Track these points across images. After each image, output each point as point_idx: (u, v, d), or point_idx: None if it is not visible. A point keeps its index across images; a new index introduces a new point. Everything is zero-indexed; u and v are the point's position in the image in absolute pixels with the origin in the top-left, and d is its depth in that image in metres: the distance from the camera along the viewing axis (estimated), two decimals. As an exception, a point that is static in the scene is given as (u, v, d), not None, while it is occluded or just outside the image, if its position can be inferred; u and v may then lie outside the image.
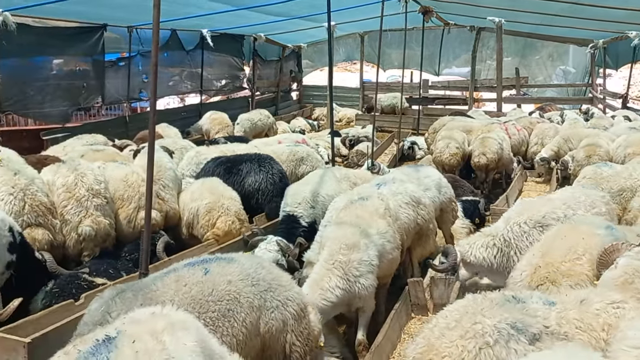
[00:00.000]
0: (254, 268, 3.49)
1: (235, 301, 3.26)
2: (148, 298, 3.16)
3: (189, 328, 2.48)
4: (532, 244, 5.05)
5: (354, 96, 20.60)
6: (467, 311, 3.03)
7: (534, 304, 3.06)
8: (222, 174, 7.32)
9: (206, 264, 3.39)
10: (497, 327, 2.86)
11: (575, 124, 11.50)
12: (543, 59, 19.42)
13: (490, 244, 5.30)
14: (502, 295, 3.18)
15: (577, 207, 5.34)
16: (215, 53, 15.30)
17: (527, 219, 5.28)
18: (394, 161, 11.94)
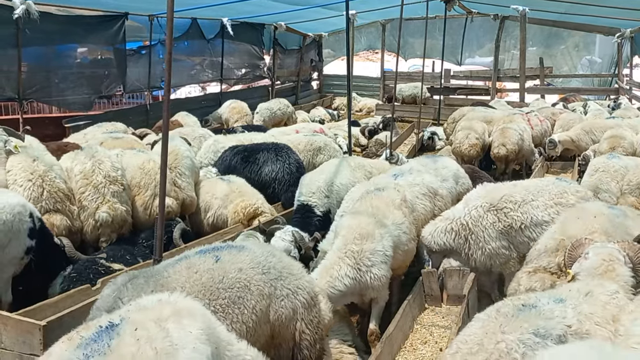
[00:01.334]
0: (265, 256, 3.50)
1: (245, 289, 3.29)
2: (159, 284, 3.19)
3: (195, 315, 2.49)
4: (486, 227, 5.23)
5: (375, 86, 20.46)
6: (486, 332, 2.94)
7: (546, 305, 3.04)
8: (239, 162, 7.38)
9: (217, 252, 3.42)
10: (521, 339, 2.81)
11: (599, 115, 11.23)
12: (568, 49, 19.02)
13: (449, 228, 5.42)
14: (512, 306, 3.11)
15: (540, 194, 5.35)
16: (235, 42, 15.32)
17: (483, 202, 5.36)
18: (413, 151, 11.83)
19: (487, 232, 5.32)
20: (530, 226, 5.24)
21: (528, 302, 3.10)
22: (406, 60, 21.56)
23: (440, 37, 14.96)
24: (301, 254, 5.65)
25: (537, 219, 5.23)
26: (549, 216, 5.22)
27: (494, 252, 5.31)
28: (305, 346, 3.52)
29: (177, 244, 5.65)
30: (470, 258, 5.45)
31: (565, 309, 3.00)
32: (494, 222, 5.31)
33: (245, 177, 7.25)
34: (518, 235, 5.27)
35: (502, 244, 5.31)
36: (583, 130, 10.11)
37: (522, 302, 3.12)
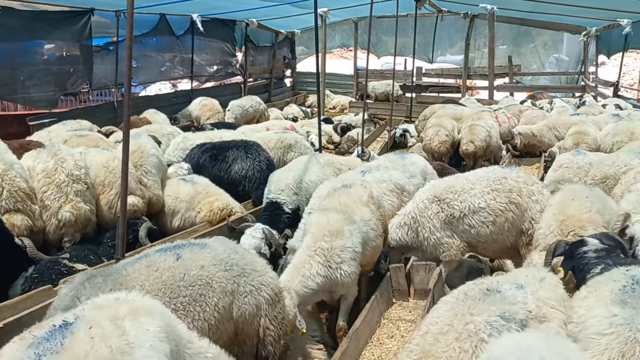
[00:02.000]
0: (228, 253, 3.48)
1: (207, 286, 3.26)
2: (118, 283, 3.14)
3: (153, 313, 2.47)
4: (431, 218, 5.36)
5: (348, 83, 20.54)
6: (456, 314, 3.07)
7: (509, 291, 3.18)
8: (207, 160, 7.31)
9: (179, 250, 3.38)
10: (488, 321, 2.95)
11: (563, 112, 11.48)
12: (537, 47, 19.37)
13: (402, 223, 5.53)
14: (478, 290, 3.25)
15: (478, 182, 5.49)
16: (206, 38, 15.20)
17: (429, 194, 5.49)
18: (385, 148, 11.90)
19: (432, 223, 5.42)
20: (469, 214, 5.35)
21: (492, 287, 3.24)
22: (379, 58, 21.68)
23: (412, 34, 15.04)
24: (272, 251, 5.65)
25: (474, 207, 5.34)
26: (485, 202, 5.33)
27: (438, 241, 5.41)
28: (270, 342, 3.52)
29: (143, 242, 5.57)
30: (421, 250, 5.55)
31: (526, 295, 3.16)
32: (438, 212, 5.42)
33: (214, 175, 7.19)
34: (459, 223, 5.39)
35: (446, 233, 5.43)
36: (546, 126, 10.36)
37: (487, 287, 3.26)
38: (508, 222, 5.31)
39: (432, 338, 3.01)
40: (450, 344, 2.92)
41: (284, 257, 5.62)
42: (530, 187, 5.53)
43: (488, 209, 5.39)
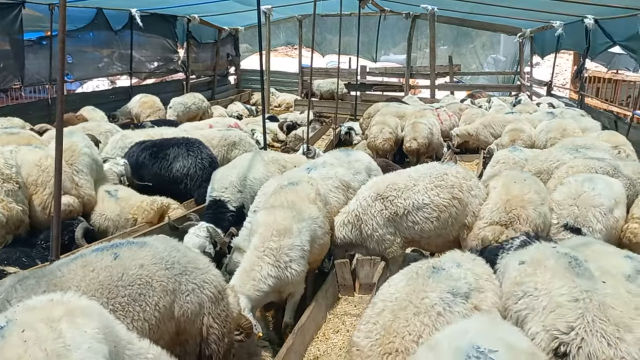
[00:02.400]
0: (168, 251, 3.39)
1: (147, 285, 3.17)
2: (52, 284, 3.01)
3: (90, 314, 2.39)
4: (374, 215, 5.44)
5: (293, 81, 20.51)
6: (413, 290, 3.28)
7: (452, 268, 3.50)
8: (147, 158, 7.11)
9: (116, 249, 3.27)
10: (441, 297, 3.22)
11: (500, 110, 11.91)
12: (476, 48, 20.01)
13: (345, 221, 5.57)
14: (426, 268, 3.50)
15: (421, 179, 5.62)
16: (146, 34, 14.76)
17: (371, 192, 5.57)
18: (331, 146, 11.97)
19: (375, 220, 5.49)
20: (413, 211, 5.46)
21: (437, 265, 3.52)
22: (324, 57, 21.79)
23: (357, 33, 15.18)
24: (216, 249, 5.56)
25: (418, 203, 5.46)
26: (429, 199, 5.46)
27: (382, 238, 5.50)
28: (213, 340, 3.45)
29: (80, 243, 5.36)
30: (365, 247, 5.61)
31: (465, 272, 3.48)
32: (381, 210, 5.49)
33: (154, 174, 7.01)
34: (403, 220, 5.47)
35: (389, 230, 5.51)
36: (482, 124, 10.73)
37: (433, 265, 3.53)
38: (452, 217, 5.44)
39: (391, 315, 3.15)
40: (411, 318, 3.10)
41: (228, 255, 5.55)
42: (469, 183, 5.71)
43: (432, 205, 5.49)
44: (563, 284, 3.25)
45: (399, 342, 3.02)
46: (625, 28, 10.26)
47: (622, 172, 6.16)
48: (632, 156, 7.88)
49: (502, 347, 2.40)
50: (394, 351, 3.01)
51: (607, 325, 3.06)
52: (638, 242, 5.24)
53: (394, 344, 3.03)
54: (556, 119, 9.62)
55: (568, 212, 5.23)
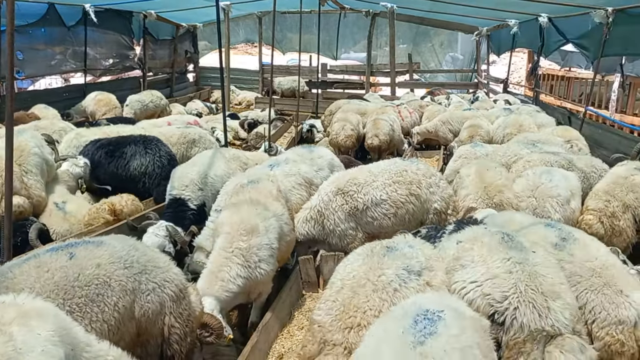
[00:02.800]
0: (127, 250, 3.28)
1: (105, 285, 3.06)
2: (3, 287, 2.87)
3: (45, 316, 2.30)
4: (336, 210, 5.53)
5: (254, 79, 20.35)
6: (370, 267, 3.44)
7: (405, 248, 3.69)
8: (103, 157, 6.87)
9: (72, 248, 3.14)
10: (397, 273, 3.38)
11: (458, 107, 12.14)
12: (435, 46, 20.35)
13: (308, 217, 5.61)
14: (380, 248, 3.68)
15: (380, 174, 5.72)
16: (101, 30, 14.31)
17: (332, 187, 5.63)
18: (292, 144, 11.91)
19: (337, 215, 5.52)
20: (372, 206, 5.49)
21: (391, 245, 3.70)
22: (284, 54, 21.73)
23: (317, 31, 15.17)
24: (177, 249, 5.43)
25: (376, 199, 5.50)
26: (386, 194, 5.51)
27: (343, 233, 5.51)
28: (175, 340, 3.36)
29: (34, 244, 5.14)
30: (327, 242, 5.62)
31: (417, 251, 3.69)
32: (342, 205, 5.52)
33: (111, 173, 6.80)
34: (363, 216, 5.52)
35: (350, 225, 5.54)
36: (440, 121, 10.93)
37: (387, 245, 3.71)
38: (409, 213, 5.49)
39: (351, 292, 3.29)
40: (370, 294, 3.24)
41: (190, 255, 5.43)
42: (429, 180, 5.79)
43: (389, 201, 5.55)
44: (498, 256, 3.53)
45: (360, 316, 3.17)
46: (577, 26, 10.60)
47: (576, 165, 6.36)
48: (585, 150, 8.17)
49: (447, 310, 2.65)
50: (356, 325, 3.14)
51: (537, 295, 3.31)
52: (592, 233, 5.41)
53: (355, 318, 3.16)
54: (512, 115, 9.86)
55: (527, 204, 5.37)
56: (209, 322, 3.73)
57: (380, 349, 2.42)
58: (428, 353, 2.31)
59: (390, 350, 2.39)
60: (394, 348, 2.40)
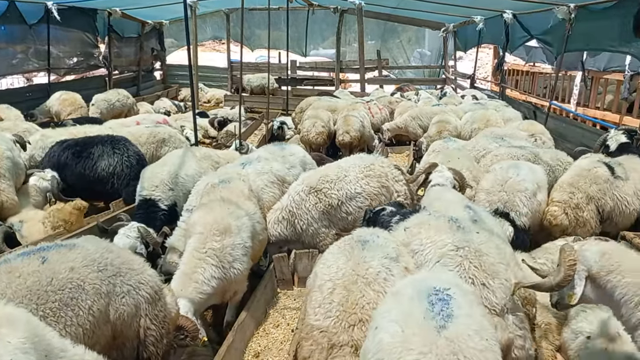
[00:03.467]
0: (100, 253, 3.23)
1: (79, 289, 3.01)
2: (-28, 294, 2.79)
3: (15, 323, 2.25)
4: (309, 210, 5.59)
5: (222, 76, 20.16)
6: (357, 263, 3.47)
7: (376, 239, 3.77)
8: (70, 158, 6.73)
9: (44, 252, 3.08)
10: (381, 263, 3.47)
11: (427, 103, 12.30)
12: (403, 43, 20.51)
13: (280, 217, 5.64)
14: (354, 243, 3.73)
15: (351, 169, 5.82)
16: (64, 28, 13.96)
17: (304, 187, 5.67)
18: (263, 141, 11.87)
19: (310, 214, 5.56)
20: (346, 201, 5.55)
21: (363, 238, 3.76)
22: (253, 51, 21.57)
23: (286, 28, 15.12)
24: (149, 250, 5.35)
25: (351, 193, 5.57)
26: (360, 188, 5.60)
27: (316, 231, 5.56)
28: (151, 342, 3.34)
29: (1, 249, 5.03)
30: (300, 241, 5.66)
31: (386, 240, 3.79)
32: (316, 204, 5.56)
33: (78, 174, 6.67)
34: (337, 212, 5.58)
35: (323, 223, 5.59)
36: (410, 116, 11.08)
37: (359, 240, 3.75)
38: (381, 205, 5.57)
39: (345, 290, 3.30)
40: (364, 289, 3.28)
41: (163, 256, 5.38)
42: (393, 172, 5.95)
43: (364, 194, 5.64)
44: (445, 237, 3.73)
45: (360, 312, 3.19)
46: (541, 22, 10.86)
47: (542, 158, 6.53)
48: (548, 143, 8.38)
49: (453, 286, 2.76)
50: (359, 322, 3.16)
51: (479, 272, 3.50)
52: (557, 224, 5.57)
53: (356, 315, 3.18)
54: (480, 110, 10.04)
55: (498, 198, 5.49)
56: (184, 325, 3.70)
57: (409, 339, 2.45)
58: (453, 337, 2.41)
59: (419, 338, 2.43)
60: (422, 336, 2.45)
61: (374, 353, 2.54)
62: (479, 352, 2.39)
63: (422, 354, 2.36)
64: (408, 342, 2.43)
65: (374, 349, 2.56)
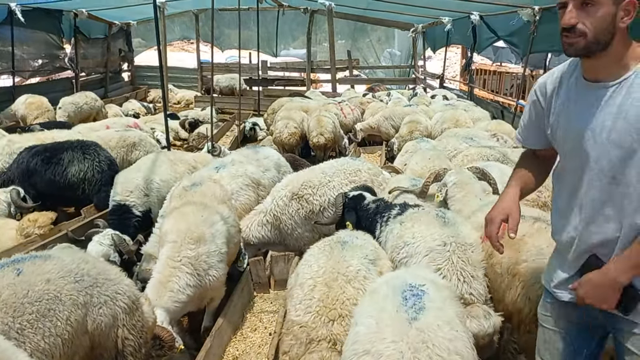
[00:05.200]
0: (77, 263, 3.20)
1: (56, 300, 2.97)
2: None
3: None
4: (292, 215, 5.62)
5: (192, 77, 19.99)
6: (337, 261, 3.62)
7: (355, 240, 3.95)
8: (39, 164, 6.57)
9: (18, 264, 3.03)
10: (361, 262, 3.64)
11: (398, 103, 12.43)
12: (372, 42, 20.67)
13: (264, 220, 5.64)
14: (335, 242, 3.89)
15: (335, 175, 5.86)
16: (27, 29, 13.62)
17: (287, 191, 5.70)
18: (235, 143, 11.84)
19: (294, 219, 5.58)
20: (329, 207, 5.60)
21: (342, 240, 3.93)
22: (223, 52, 21.44)
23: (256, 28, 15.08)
24: (124, 258, 5.27)
25: (333, 200, 5.62)
26: None
27: (300, 236, 5.59)
28: (130, 352, 3.32)
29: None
30: (284, 244, 5.70)
31: (365, 242, 3.97)
32: (298, 209, 5.59)
33: (48, 180, 6.53)
34: (319, 217, 5.60)
35: (307, 227, 5.63)
36: (382, 116, 11.19)
37: (339, 240, 3.92)
38: None
39: (325, 287, 3.43)
40: (344, 285, 3.43)
41: (138, 263, 5.32)
42: (378, 178, 6.01)
43: None
44: (434, 231, 3.94)
45: (340, 307, 3.31)
46: (507, 24, 11.11)
47: (510, 158, 6.69)
48: (510, 142, 8.57)
49: (427, 282, 2.91)
50: (338, 317, 3.28)
51: (466, 265, 3.73)
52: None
53: (336, 310, 3.30)
54: (449, 111, 10.21)
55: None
56: (160, 334, 3.68)
57: (382, 330, 2.59)
58: (424, 327, 2.54)
59: (391, 329, 2.57)
60: (394, 327, 2.58)
61: (351, 344, 2.69)
62: (448, 341, 2.52)
63: (394, 342, 2.50)
64: (381, 332, 2.58)
65: (351, 340, 2.73)
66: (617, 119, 2.21)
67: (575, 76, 2.43)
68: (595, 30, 2.21)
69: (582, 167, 2.36)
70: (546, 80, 2.59)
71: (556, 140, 2.52)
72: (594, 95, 2.31)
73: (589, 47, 2.23)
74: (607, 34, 2.22)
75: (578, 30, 2.22)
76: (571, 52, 2.29)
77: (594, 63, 2.31)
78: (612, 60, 2.27)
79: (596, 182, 2.31)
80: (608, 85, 2.27)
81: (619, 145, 2.21)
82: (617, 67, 2.26)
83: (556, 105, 2.48)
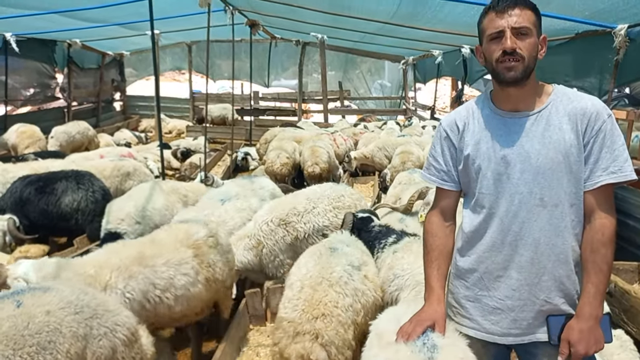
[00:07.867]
0: (76, 295, 3.16)
1: (56, 332, 2.92)
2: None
3: None
4: (277, 241, 5.61)
5: (184, 107, 20.07)
6: (322, 267, 3.95)
7: (344, 248, 4.29)
8: (33, 194, 6.51)
9: (18, 296, 2.99)
10: (344, 269, 3.96)
11: (391, 133, 12.56)
12: (363, 73, 20.96)
13: (250, 245, 5.60)
14: (324, 249, 4.24)
15: (319, 200, 5.86)
16: (20, 58, 13.64)
17: (273, 217, 5.67)
18: (228, 172, 11.84)
19: (278, 246, 5.57)
20: (313, 234, 5.60)
21: (333, 246, 4.29)
22: (215, 82, 21.61)
23: (247, 59, 15.25)
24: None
25: (318, 226, 5.62)
26: (328, 221, 5.67)
27: (281, 263, 5.57)
28: (128, 386, 3.26)
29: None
30: (264, 272, 5.66)
31: (354, 250, 4.31)
32: (284, 236, 5.58)
33: (41, 210, 6.47)
34: (303, 244, 5.58)
35: (289, 254, 5.61)
36: (376, 147, 11.27)
37: (329, 247, 4.28)
38: None
39: (311, 289, 3.76)
40: (327, 289, 3.75)
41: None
42: (360, 203, 6.04)
43: (331, 227, 5.67)
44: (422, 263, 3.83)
45: (322, 307, 3.65)
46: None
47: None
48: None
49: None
50: (321, 315, 3.61)
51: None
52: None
53: (319, 309, 3.63)
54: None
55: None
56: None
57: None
58: None
59: None
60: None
61: None
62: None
63: None
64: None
65: None
66: (542, 145, 2.37)
67: (489, 108, 2.55)
68: (528, 56, 2.35)
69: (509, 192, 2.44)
70: (454, 118, 2.66)
71: (474, 171, 2.54)
72: (517, 123, 2.44)
73: (525, 71, 2.36)
74: (534, 62, 2.38)
75: (518, 54, 2.34)
76: (510, 76, 2.37)
77: (517, 93, 2.44)
78: (530, 91, 2.45)
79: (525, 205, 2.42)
80: (529, 114, 2.43)
81: (547, 169, 2.36)
82: (534, 98, 2.45)
83: (472, 137, 2.54)
